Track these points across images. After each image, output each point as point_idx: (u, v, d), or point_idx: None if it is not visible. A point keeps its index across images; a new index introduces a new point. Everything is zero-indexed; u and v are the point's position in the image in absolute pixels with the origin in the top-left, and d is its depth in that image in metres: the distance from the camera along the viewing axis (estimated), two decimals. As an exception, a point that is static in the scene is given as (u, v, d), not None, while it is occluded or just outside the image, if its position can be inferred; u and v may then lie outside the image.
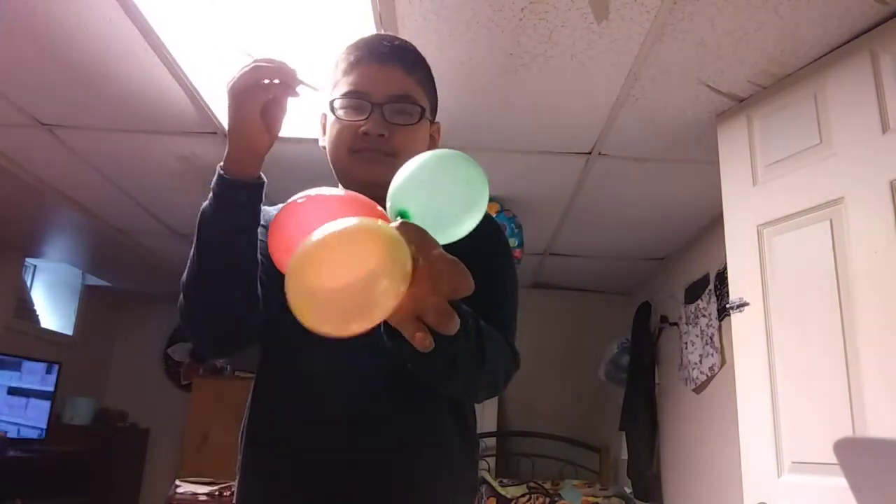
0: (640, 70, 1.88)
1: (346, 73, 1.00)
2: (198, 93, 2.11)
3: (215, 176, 0.87)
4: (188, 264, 0.91)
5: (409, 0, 1.65)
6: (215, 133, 2.39)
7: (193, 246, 0.89)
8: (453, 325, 0.61)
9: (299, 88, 0.84)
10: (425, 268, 0.59)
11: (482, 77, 1.95)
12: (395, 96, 0.98)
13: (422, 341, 0.60)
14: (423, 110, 1.01)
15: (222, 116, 2.26)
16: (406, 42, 1.06)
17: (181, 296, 0.92)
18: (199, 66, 1.98)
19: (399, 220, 0.63)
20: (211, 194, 0.88)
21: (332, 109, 1.00)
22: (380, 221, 0.60)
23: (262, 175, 0.90)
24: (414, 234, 0.60)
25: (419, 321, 0.61)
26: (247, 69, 0.82)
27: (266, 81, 0.82)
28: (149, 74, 2.02)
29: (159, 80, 2.05)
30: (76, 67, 2.00)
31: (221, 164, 0.87)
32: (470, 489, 1.03)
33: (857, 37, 1.67)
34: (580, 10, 1.64)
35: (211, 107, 2.19)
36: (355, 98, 0.98)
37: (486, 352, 0.83)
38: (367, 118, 0.96)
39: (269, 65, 0.82)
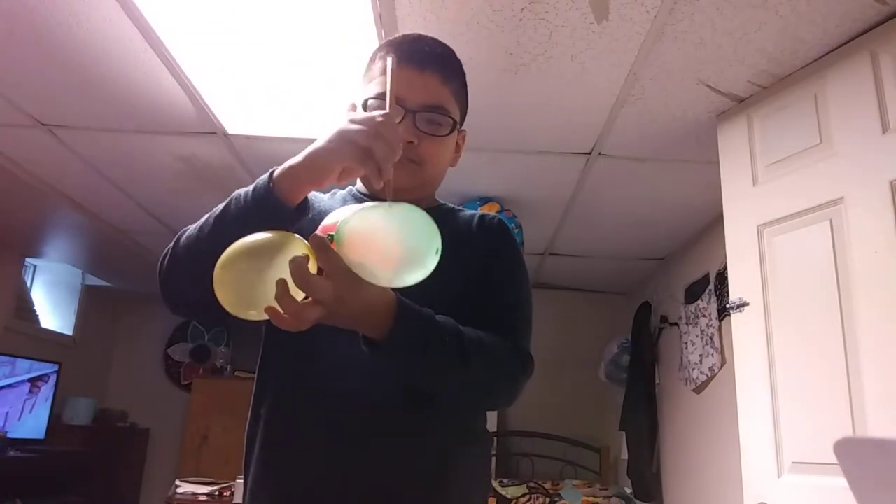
0: (640, 70, 1.88)
1: (384, 71, 0.95)
2: (198, 93, 2.11)
3: (266, 176, 0.84)
4: (197, 229, 0.88)
5: (409, 0, 1.65)
6: (215, 133, 2.39)
7: (213, 220, 0.86)
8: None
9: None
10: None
11: (482, 77, 1.94)
12: (428, 105, 0.98)
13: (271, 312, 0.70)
14: (455, 123, 1.01)
15: (222, 116, 2.26)
16: (446, 48, 1.05)
17: (173, 246, 0.91)
18: (199, 66, 1.98)
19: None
20: (252, 189, 0.85)
21: (365, 108, 0.97)
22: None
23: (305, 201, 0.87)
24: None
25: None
26: (375, 130, 0.78)
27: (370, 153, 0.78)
28: (149, 74, 2.02)
29: (159, 80, 2.05)
30: (76, 67, 2.00)
31: (279, 169, 0.84)
32: (484, 487, 1.04)
33: (857, 37, 1.67)
34: (580, 10, 1.64)
35: (211, 107, 2.19)
36: None
37: (471, 358, 0.85)
38: (398, 123, 0.93)
39: (384, 143, 0.78)
